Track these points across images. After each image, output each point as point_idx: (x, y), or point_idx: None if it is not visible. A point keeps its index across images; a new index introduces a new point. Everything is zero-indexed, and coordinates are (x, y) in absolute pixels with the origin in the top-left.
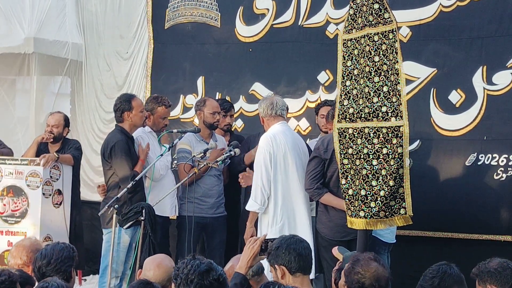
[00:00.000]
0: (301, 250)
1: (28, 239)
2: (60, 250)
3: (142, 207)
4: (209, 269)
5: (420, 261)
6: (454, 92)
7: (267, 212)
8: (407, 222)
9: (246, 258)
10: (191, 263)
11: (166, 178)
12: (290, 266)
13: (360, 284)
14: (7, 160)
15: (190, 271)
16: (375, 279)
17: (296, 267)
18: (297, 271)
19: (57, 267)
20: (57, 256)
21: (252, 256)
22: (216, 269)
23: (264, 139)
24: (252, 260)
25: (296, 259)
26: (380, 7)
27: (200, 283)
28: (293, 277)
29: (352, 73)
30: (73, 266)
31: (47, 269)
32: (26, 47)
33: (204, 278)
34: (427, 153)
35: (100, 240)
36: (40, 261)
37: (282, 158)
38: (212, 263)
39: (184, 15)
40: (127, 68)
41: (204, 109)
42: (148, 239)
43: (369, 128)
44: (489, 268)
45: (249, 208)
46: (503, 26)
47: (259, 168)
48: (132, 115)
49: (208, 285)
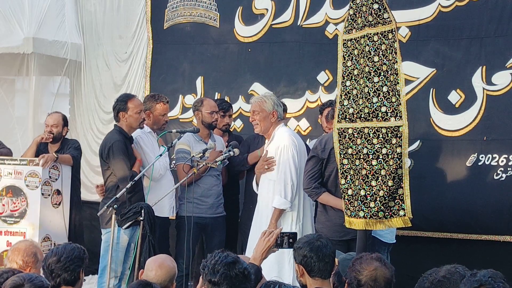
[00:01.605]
0: (323, 255)
1: (24, 242)
2: (71, 250)
3: (141, 207)
4: (235, 261)
5: (420, 261)
6: (453, 92)
7: (293, 209)
8: (406, 224)
9: (260, 250)
10: (219, 255)
11: (164, 179)
12: (309, 268)
13: (357, 281)
14: (6, 160)
15: (218, 261)
16: (372, 278)
17: (316, 271)
18: (316, 275)
19: (66, 266)
20: (67, 255)
21: (267, 248)
22: (243, 263)
23: (288, 138)
24: (267, 252)
25: (316, 263)
26: (380, 7)
27: (226, 273)
28: (312, 279)
29: (352, 73)
30: (82, 267)
31: (56, 267)
32: (25, 47)
33: (230, 269)
34: (427, 153)
35: (100, 240)
36: (50, 259)
37: (301, 156)
38: (238, 257)
39: (183, 15)
40: (126, 68)
41: (202, 109)
42: (147, 239)
43: (368, 128)
44: (438, 277)
45: (280, 206)
46: (502, 26)
47: (287, 165)
48: (127, 115)
49: (234, 276)
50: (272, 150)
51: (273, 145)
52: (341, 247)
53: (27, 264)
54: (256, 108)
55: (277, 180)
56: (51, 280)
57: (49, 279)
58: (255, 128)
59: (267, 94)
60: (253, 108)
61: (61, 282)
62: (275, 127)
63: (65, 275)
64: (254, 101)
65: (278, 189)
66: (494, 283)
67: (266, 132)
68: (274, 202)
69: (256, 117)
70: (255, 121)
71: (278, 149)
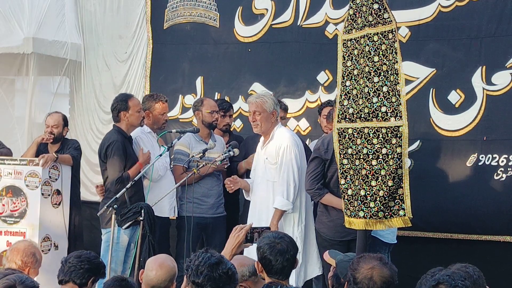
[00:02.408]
0: (283, 259)
1: (23, 242)
2: (94, 257)
3: (141, 207)
4: (219, 262)
5: (420, 261)
6: (453, 92)
7: (294, 210)
8: (406, 224)
9: (231, 245)
10: (202, 256)
11: (165, 179)
12: (267, 269)
13: (353, 278)
14: (6, 160)
15: (201, 263)
16: (367, 276)
17: (273, 272)
18: (273, 276)
19: (82, 265)
20: (88, 256)
21: (237, 244)
22: (226, 263)
23: (290, 138)
24: (237, 248)
25: (274, 265)
26: (380, 7)
27: (209, 275)
28: (270, 278)
29: (352, 73)
30: (95, 277)
31: (74, 261)
32: (25, 47)
33: (213, 270)
34: (427, 153)
35: (100, 240)
36: (73, 254)
37: (302, 157)
38: (223, 257)
39: (183, 15)
40: (126, 68)
41: (202, 108)
42: (147, 239)
43: (368, 128)
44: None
45: (283, 208)
46: (502, 26)
47: (290, 166)
48: (129, 114)
49: (217, 277)
50: (272, 149)
51: (273, 145)
52: (341, 248)
53: (26, 264)
54: (257, 109)
55: (279, 180)
56: (62, 274)
57: (61, 273)
58: (254, 128)
59: (265, 93)
60: (254, 108)
61: (69, 279)
62: (274, 126)
63: (75, 273)
64: (254, 101)
65: (280, 190)
66: (452, 281)
67: (266, 132)
68: (276, 203)
69: (257, 118)
70: (256, 121)
71: (280, 149)
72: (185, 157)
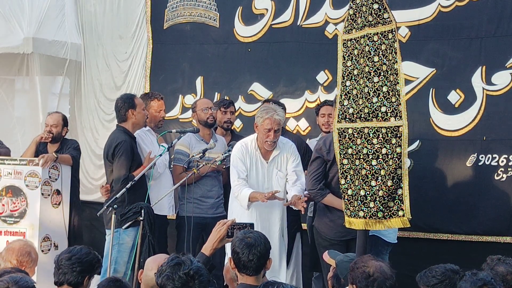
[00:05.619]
0: (250, 253)
1: (18, 242)
2: (85, 254)
3: (141, 207)
4: (180, 263)
5: (420, 261)
6: (453, 92)
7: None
8: (405, 225)
9: (212, 240)
10: (170, 257)
11: (164, 177)
12: (236, 264)
13: (366, 274)
14: (6, 160)
15: (165, 264)
16: (380, 271)
17: (241, 267)
18: (242, 271)
19: (74, 266)
20: (79, 256)
21: (218, 239)
22: (189, 264)
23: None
24: (218, 243)
25: (242, 260)
26: (380, 7)
27: (169, 275)
28: (239, 274)
29: (352, 73)
30: (90, 274)
31: (64, 263)
32: (25, 47)
33: (174, 271)
34: (427, 153)
35: (100, 241)
36: (63, 255)
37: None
38: (187, 259)
39: (183, 15)
40: (126, 68)
41: (196, 109)
42: (147, 239)
43: (368, 128)
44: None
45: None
46: (502, 26)
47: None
48: (136, 112)
49: (177, 278)
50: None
51: (280, 156)
52: (340, 247)
53: (22, 263)
54: (279, 126)
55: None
56: (56, 276)
57: (55, 275)
58: (270, 146)
59: (277, 107)
60: (278, 127)
61: (64, 281)
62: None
63: (69, 275)
64: (277, 118)
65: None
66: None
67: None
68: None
69: (278, 135)
70: (275, 138)
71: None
72: (185, 157)
